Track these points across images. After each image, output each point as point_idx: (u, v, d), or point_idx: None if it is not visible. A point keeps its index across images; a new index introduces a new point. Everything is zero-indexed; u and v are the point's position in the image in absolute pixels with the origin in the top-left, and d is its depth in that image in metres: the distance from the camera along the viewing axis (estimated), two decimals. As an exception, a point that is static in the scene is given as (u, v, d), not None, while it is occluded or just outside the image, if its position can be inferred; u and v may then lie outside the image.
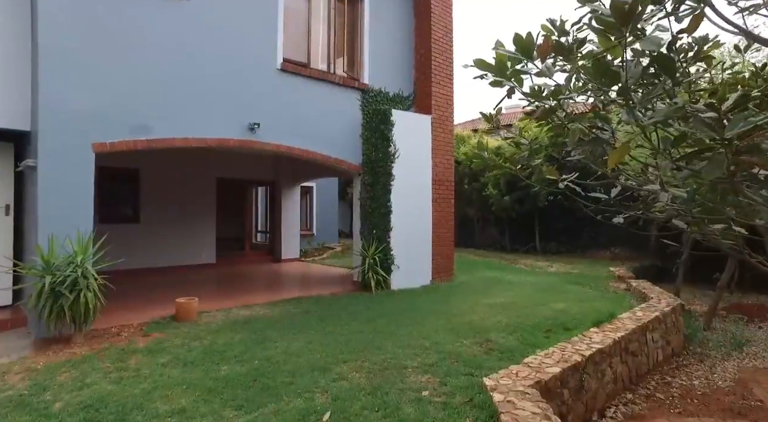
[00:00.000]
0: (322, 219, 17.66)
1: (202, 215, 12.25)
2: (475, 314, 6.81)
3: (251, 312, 6.92)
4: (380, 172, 9.12)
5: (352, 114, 9.16)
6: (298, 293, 8.47)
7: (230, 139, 7.26)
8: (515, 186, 15.28)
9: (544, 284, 9.65)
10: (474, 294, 8.50)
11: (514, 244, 16.77)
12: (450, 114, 10.23)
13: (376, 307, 7.26)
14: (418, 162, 9.54)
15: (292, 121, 8.13)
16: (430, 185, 9.76)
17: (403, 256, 9.09)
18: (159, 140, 6.52)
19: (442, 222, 10.02)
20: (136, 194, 11.22)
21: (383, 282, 8.81)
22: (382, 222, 9.05)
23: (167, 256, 11.53)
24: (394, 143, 9.02)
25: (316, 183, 17.14)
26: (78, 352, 4.98)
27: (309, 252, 15.48)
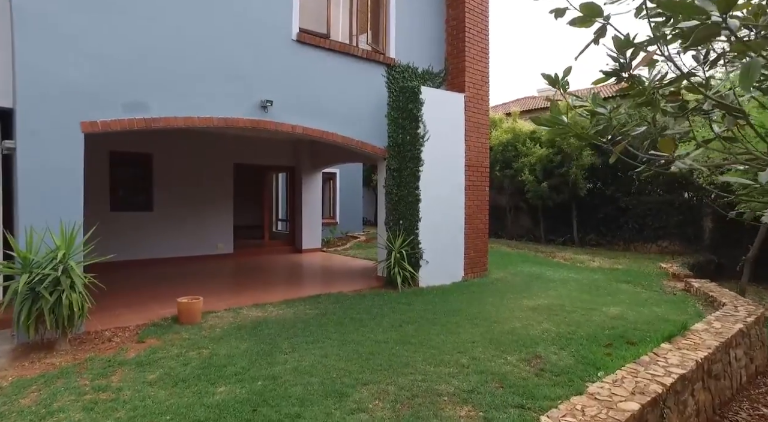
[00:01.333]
0: (346, 207, 16.89)
1: (219, 203, 11.60)
2: (517, 320, 5.91)
3: (263, 312, 6.18)
4: (408, 156, 8.22)
5: (377, 92, 8.26)
6: (317, 289, 7.71)
7: (239, 119, 6.47)
8: (552, 172, 14.17)
9: (589, 282, 8.64)
10: (512, 293, 7.57)
11: (550, 235, 15.68)
12: (485, 92, 9.22)
13: (403, 309, 6.43)
14: (450, 145, 8.60)
15: (310, 99, 7.29)
16: (463, 171, 8.82)
17: (432, 250, 8.22)
18: (158, 119, 5.77)
19: (475, 212, 9.09)
20: (149, 180, 10.61)
21: (410, 279, 7.97)
22: (410, 212, 8.18)
23: (182, 246, 10.94)
24: (423, 124, 8.10)
25: (339, 169, 16.36)
26: (57, 363, 4.31)
27: (332, 242, 14.75)
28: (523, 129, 15.77)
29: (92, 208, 10.00)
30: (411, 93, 8.16)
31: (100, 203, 9.90)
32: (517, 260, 11.43)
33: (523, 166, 14.75)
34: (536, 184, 14.34)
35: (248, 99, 6.56)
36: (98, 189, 9.89)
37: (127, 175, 10.50)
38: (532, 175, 14.43)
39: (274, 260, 11.47)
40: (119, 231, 10.08)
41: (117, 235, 10.01)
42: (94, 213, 10.01)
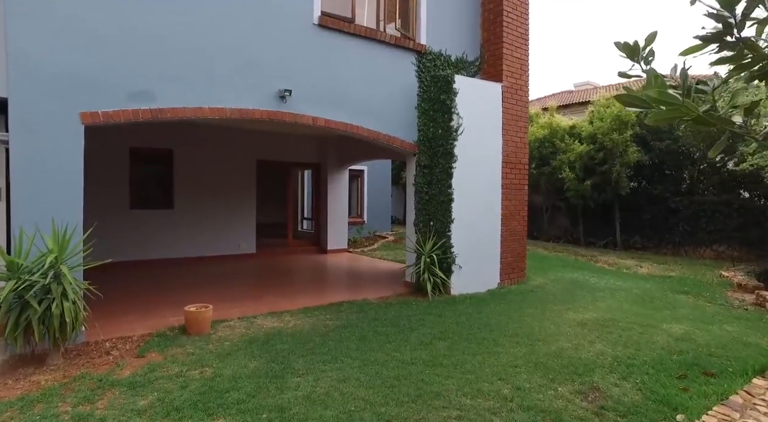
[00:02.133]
0: (374, 205, 16.30)
1: (241, 201, 11.17)
2: (565, 338, 5.16)
3: (279, 322, 5.62)
4: (440, 151, 7.54)
5: (406, 81, 7.59)
6: (339, 296, 7.12)
7: (255, 110, 5.91)
8: (593, 170, 13.19)
9: (641, 292, 7.77)
10: (555, 304, 6.80)
11: (589, 237, 14.69)
12: (524, 82, 8.43)
13: (434, 321, 5.76)
14: (486, 140, 7.86)
15: (333, 89, 6.69)
16: (499, 168, 8.07)
17: (465, 254, 7.51)
18: (165, 110, 5.26)
19: (513, 213, 8.32)
20: (170, 177, 10.25)
21: (441, 286, 7.29)
22: (442, 212, 7.49)
23: (202, 246, 10.55)
24: (457, 116, 7.39)
25: (367, 166, 15.77)
26: (43, 382, 3.83)
27: (358, 242, 14.18)
28: (561, 124, 14.82)
29: (112, 205, 9.73)
30: (443, 82, 7.47)
31: (119, 200, 9.59)
32: (556, 264, 10.58)
33: (561, 164, 13.81)
34: (577, 182, 13.39)
35: (264, 88, 6.00)
36: (118, 186, 9.58)
37: (147, 172, 10.16)
38: (572, 172, 13.48)
39: (297, 261, 10.96)
40: (139, 229, 9.76)
41: (136, 234, 9.70)
42: (114, 210, 9.74)
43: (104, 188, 9.37)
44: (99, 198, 9.31)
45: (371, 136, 7.11)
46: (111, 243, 9.45)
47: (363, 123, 6.99)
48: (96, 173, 9.45)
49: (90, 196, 9.63)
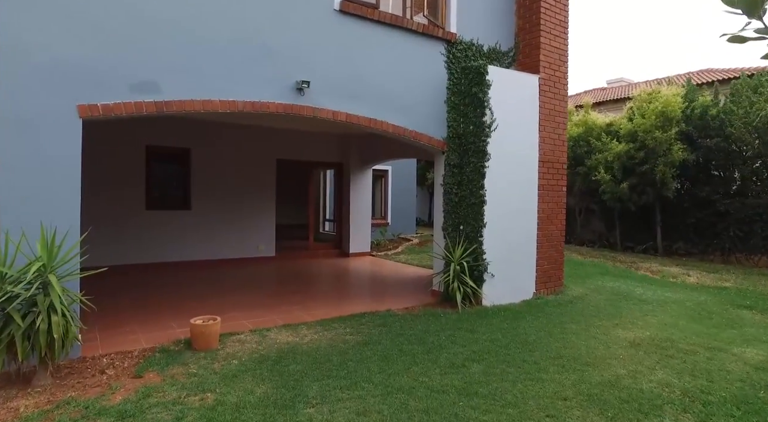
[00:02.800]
0: (398, 207, 15.72)
1: (261, 202, 10.74)
2: (618, 362, 4.48)
3: (294, 336, 5.10)
4: (471, 149, 6.92)
5: (435, 73, 7.00)
6: (361, 306, 6.57)
7: (270, 103, 5.41)
8: (632, 171, 12.32)
9: (695, 305, 6.99)
10: (600, 318, 6.11)
11: (627, 242, 13.79)
12: (563, 74, 7.74)
13: (465, 338, 5.15)
14: (521, 137, 7.20)
15: (355, 81, 6.14)
16: (535, 168, 7.40)
17: (498, 261, 6.87)
18: (171, 103, 4.79)
19: (550, 216, 7.64)
20: (187, 177, 9.89)
21: (472, 296, 6.67)
22: (473, 215, 6.87)
23: (220, 248, 10.15)
24: (490, 110, 6.77)
25: (391, 166, 15.21)
26: (23, 409, 3.37)
27: (382, 245, 13.62)
28: (597, 122, 13.96)
29: (127, 205, 9.41)
30: (476, 73, 6.85)
31: (135, 201, 9.26)
32: (593, 271, 9.82)
33: (597, 164, 12.96)
34: (614, 183, 12.54)
35: (280, 79, 5.49)
36: (134, 185, 9.25)
37: (164, 171, 9.82)
38: (608, 173, 12.63)
39: (317, 265, 10.47)
40: (155, 230, 9.42)
41: (152, 236, 9.37)
42: (129, 211, 9.42)
43: (120, 188, 9.06)
44: (114, 198, 9.02)
45: (396, 132, 6.54)
46: (126, 246, 9.15)
47: (387, 118, 6.43)
48: (111, 172, 9.20)
49: (105, 196, 9.42)
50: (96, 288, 7.25)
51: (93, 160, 9.06)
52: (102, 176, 8.88)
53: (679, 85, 12.93)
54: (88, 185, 9.03)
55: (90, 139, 9.10)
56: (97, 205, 8.84)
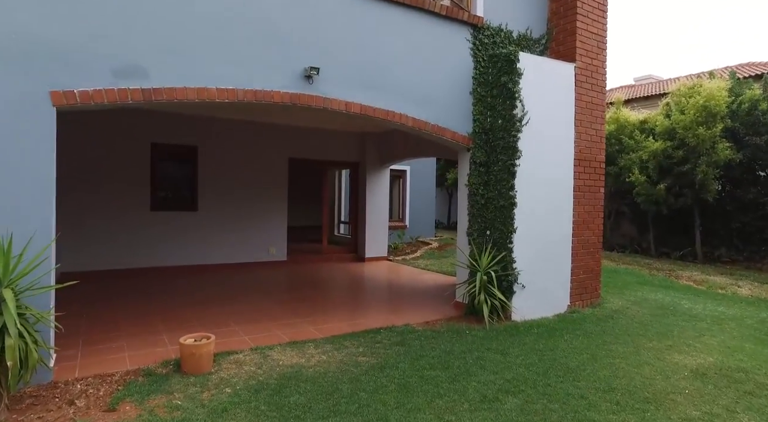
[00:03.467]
0: (416, 208, 15.03)
1: (272, 203, 10.17)
2: (684, 398, 3.74)
3: (299, 357, 4.46)
4: (499, 145, 6.22)
5: (460, 61, 6.31)
6: (377, 319, 5.92)
7: (274, 92, 4.79)
8: (670, 171, 11.44)
9: (759, 323, 6.17)
10: (649, 338, 5.35)
11: (662, 247, 12.88)
12: (601, 63, 6.98)
13: (496, 362, 4.46)
14: (555, 132, 6.48)
15: (371, 69, 5.50)
16: (571, 167, 6.66)
17: (529, 271, 6.16)
18: (160, 90, 4.21)
19: (587, 220, 6.88)
20: (194, 176, 9.36)
21: (500, 310, 5.96)
22: (502, 219, 6.16)
23: (229, 251, 9.61)
24: (521, 102, 6.06)
25: (409, 166, 14.54)
26: (-35, 454, 2.81)
27: (400, 249, 12.96)
28: (630, 119, 13.09)
29: (131, 206, 8.90)
30: (505, 61, 6.15)
31: (139, 201, 8.76)
32: (630, 280, 9.00)
33: (630, 163, 12.10)
34: (649, 185, 11.67)
35: (287, 65, 4.87)
36: (138, 185, 8.76)
37: (169, 170, 9.30)
38: (643, 174, 11.76)
39: (330, 270, 9.84)
40: (160, 233, 8.91)
41: (157, 238, 8.86)
42: (133, 211, 8.92)
43: (123, 187, 8.58)
44: (117, 198, 8.53)
45: (417, 126, 5.87)
46: (129, 248, 8.65)
47: (407, 110, 5.76)
48: (114, 170, 8.70)
49: (107, 196, 8.88)
50: (93, 295, 6.74)
51: (95, 158, 8.63)
52: (104, 175, 8.41)
53: (723, 79, 11.97)
54: (89, 184, 8.67)
55: (91, 136, 8.72)
56: (98, 206, 8.36)
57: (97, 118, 8.26)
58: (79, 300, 6.52)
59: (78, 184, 8.18)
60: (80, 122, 8.12)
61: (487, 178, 6.40)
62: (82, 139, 8.20)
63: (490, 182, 6.36)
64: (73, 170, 8.14)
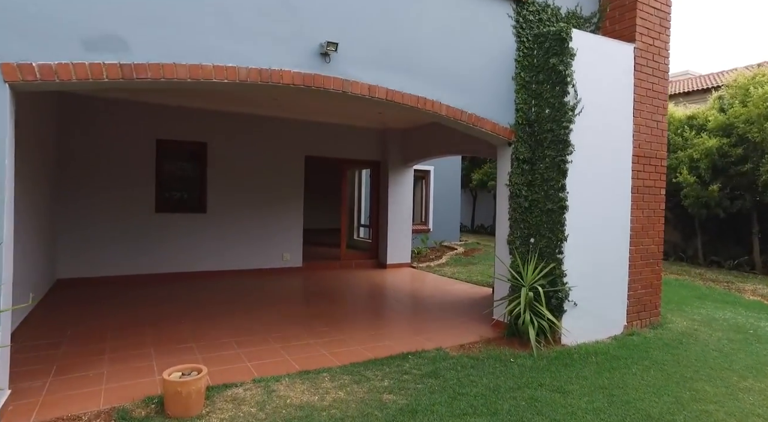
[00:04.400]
0: (440, 211, 14.13)
1: (287, 204, 9.41)
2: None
3: (312, 393, 3.64)
4: (547, 138, 5.32)
5: (501, 40, 5.43)
6: (403, 341, 5.07)
7: (285, 71, 3.99)
8: (725, 171, 10.34)
9: None
10: (736, 372, 4.38)
11: (711, 255, 11.72)
12: (664, 43, 6.02)
13: (554, 404, 3.57)
14: (611, 124, 5.55)
15: (399, 48, 4.67)
16: (629, 164, 5.72)
17: (582, 285, 5.24)
18: (143, 66, 3.44)
19: (646, 227, 5.93)
20: (203, 176, 8.65)
21: (548, 331, 5.05)
22: (549, 225, 5.26)
23: (239, 257, 8.88)
24: (574, 88, 5.15)
25: (433, 165, 13.66)
26: None
27: (423, 254, 12.09)
28: (676, 114, 11.98)
29: (134, 207, 8.19)
30: (555, 40, 5.24)
31: (144, 202, 8.09)
32: (685, 294, 7.97)
33: (677, 163, 11.01)
34: (699, 186, 10.58)
35: (299, 40, 4.07)
36: (142, 184, 8.09)
37: (176, 169, 8.61)
38: (693, 174, 10.67)
39: (349, 279, 9.03)
40: (165, 237, 8.23)
41: (162, 242, 8.19)
42: (136, 214, 8.23)
43: (126, 187, 7.93)
44: (119, 199, 7.88)
45: (452, 115, 5.01)
46: (132, 254, 7.97)
47: (441, 97, 4.91)
48: (116, 169, 7.98)
49: (108, 196, 7.78)
50: (86, 304, 6.03)
51: (94, 156, 7.94)
52: (105, 174, 7.75)
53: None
54: (89, 184, 7.97)
55: (90, 133, 8.02)
56: (98, 207, 7.70)
57: (96, 113, 7.61)
58: (68, 311, 5.85)
59: (77, 185, 7.54)
60: (77, 118, 7.48)
61: (532, 176, 5.50)
62: (80, 136, 7.56)
63: (535, 182, 5.46)
64: (71, 169, 7.50)
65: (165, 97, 7.81)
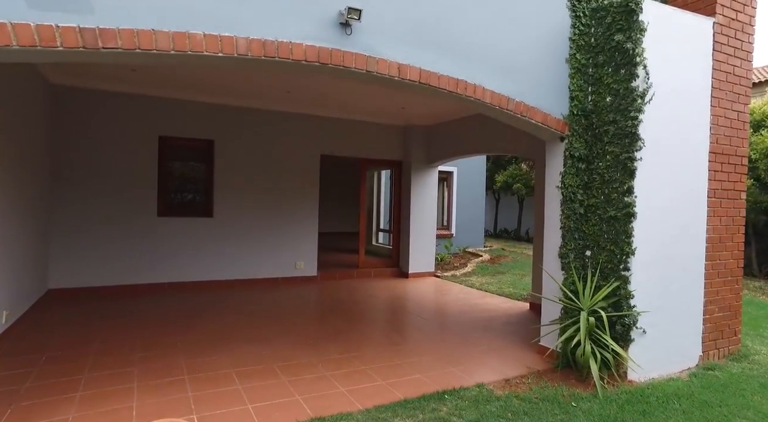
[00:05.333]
0: (463, 215, 13.25)
1: (301, 207, 8.63)
2: None
3: (325, 456, 2.82)
4: (608, 132, 4.43)
5: (552, 15, 4.57)
6: (434, 375, 4.22)
7: (295, 44, 3.18)
8: (785, 173, 9.27)
9: None
10: None
11: (764, 265, 10.63)
12: (749, 18, 5.05)
13: (647, 479, 2.69)
14: (684, 115, 4.63)
15: (433, 19, 3.83)
16: (705, 163, 4.80)
17: (651, 308, 4.34)
18: (113, 32, 2.66)
19: (723, 238, 4.98)
20: (210, 177, 7.92)
21: (612, 365, 4.16)
22: (612, 236, 4.36)
23: (248, 265, 8.12)
24: (645, 70, 4.26)
25: (456, 166, 12.80)
26: None
27: (446, 262, 11.22)
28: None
29: (134, 211, 7.42)
30: (620, 13, 4.36)
31: (144, 205, 7.38)
32: (755, 313, 6.98)
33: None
34: (757, 189, 9.52)
35: (314, 5, 3.26)
36: (143, 186, 7.37)
37: (181, 169, 7.88)
38: (750, 176, 9.61)
39: (369, 291, 8.20)
40: (168, 243, 7.51)
41: (165, 248, 7.47)
42: (137, 218, 7.48)
43: (125, 189, 7.22)
44: (118, 201, 7.18)
45: (496, 103, 4.15)
46: (131, 261, 7.25)
47: (483, 81, 4.06)
48: (114, 168, 7.13)
49: (106, 198, 6.88)
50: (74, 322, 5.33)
51: (90, 155, 7.23)
52: (102, 174, 7.06)
53: None
54: (84, 185, 6.81)
55: (85, 129, 6.79)
56: (95, 210, 7.01)
57: (92, 108, 6.92)
58: (51, 329, 5.12)
59: (71, 186, 6.86)
60: (71, 115, 6.80)
61: (589, 177, 4.61)
62: (75, 134, 6.87)
63: (592, 184, 4.57)
64: (65, 169, 6.82)
65: (167, 89, 7.10)
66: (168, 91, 7.22)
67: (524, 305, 7.26)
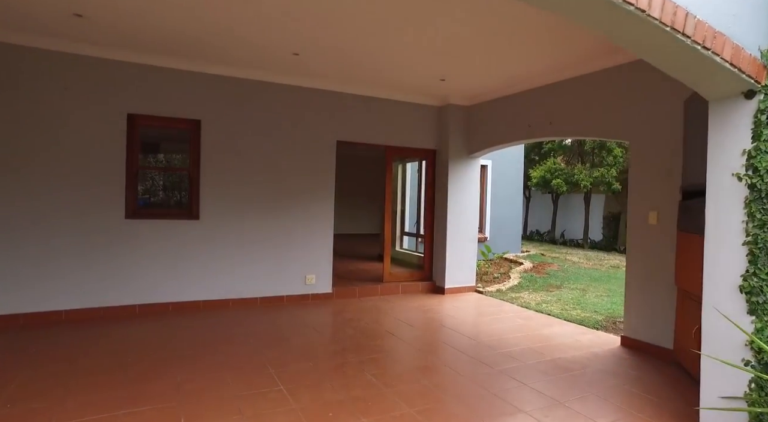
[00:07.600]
0: (498, 216, 11.39)
1: (312, 208, 6.83)
2: None
3: None
4: None
5: None
6: None
7: None
8: None
9: None
10: None
11: None
12: None
13: None
14: None
15: None
16: None
17: None
18: None
19: None
20: (195, 167, 6.14)
21: None
22: None
23: (245, 281, 6.36)
24: None
25: (491, 159, 10.96)
26: None
27: (484, 271, 9.38)
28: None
29: (94, 212, 5.51)
30: None
31: (108, 205, 5.61)
32: None
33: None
34: None
35: None
36: (107, 180, 5.60)
37: (156, 159, 6.10)
38: None
39: (396, 313, 6.36)
40: (140, 253, 5.75)
41: (135, 260, 5.73)
42: (98, 222, 5.72)
43: (81, 183, 5.45)
44: (71, 199, 5.39)
45: (667, 19, 2.30)
46: (92, 278, 5.50)
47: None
48: (67, 156, 5.39)
49: (58, 196, 4.66)
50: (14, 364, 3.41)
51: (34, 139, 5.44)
52: (50, 164, 5.30)
53: None
54: (25, 179, 4.85)
55: (27, 104, 4.64)
56: (41, 213, 5.25)
57: (32, 75, 5.17)
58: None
59: (5, 180, 5.11)
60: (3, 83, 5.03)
61: (796, 157, 2.75)
62: (13, 107, 5.12)
63: (804, 168, 2.71)
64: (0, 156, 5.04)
65: (135, 52, 5.35)
66: (137, 55, 5.47)
67: (608, 337, 5.44)
